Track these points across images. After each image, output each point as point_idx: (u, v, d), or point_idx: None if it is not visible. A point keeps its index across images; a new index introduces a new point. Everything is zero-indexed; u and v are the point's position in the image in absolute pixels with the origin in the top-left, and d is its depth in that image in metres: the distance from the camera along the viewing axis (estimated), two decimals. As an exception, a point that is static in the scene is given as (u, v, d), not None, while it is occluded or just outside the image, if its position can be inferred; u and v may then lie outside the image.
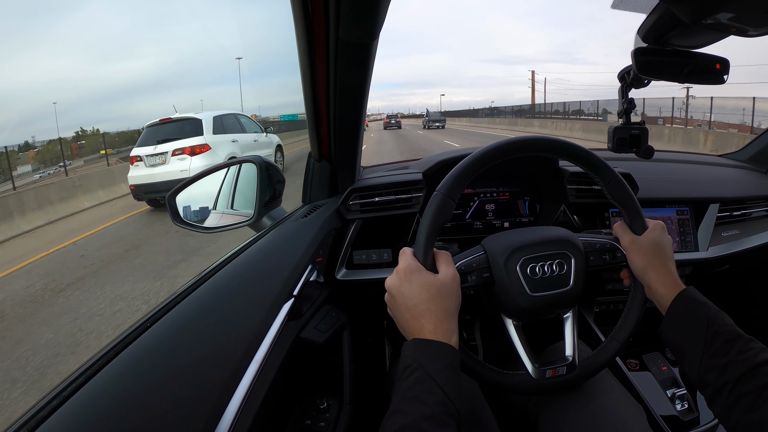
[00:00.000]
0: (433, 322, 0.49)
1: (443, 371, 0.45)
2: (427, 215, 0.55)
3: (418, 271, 0.52)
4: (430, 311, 0.49)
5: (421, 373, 0.45)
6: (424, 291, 0.50)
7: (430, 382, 0.44)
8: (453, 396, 0.44)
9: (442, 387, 0.44)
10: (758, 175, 1.27)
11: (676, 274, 0.58)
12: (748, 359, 0.47)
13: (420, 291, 0.50)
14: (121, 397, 0.43)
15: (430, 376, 0.45)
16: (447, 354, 0.47)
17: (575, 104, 23.94)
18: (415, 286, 0.51)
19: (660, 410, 0.86)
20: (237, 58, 37.60)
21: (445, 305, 0.50)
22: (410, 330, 0.50)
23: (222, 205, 0.99)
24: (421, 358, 0.46)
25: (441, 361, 0.46)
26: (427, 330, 0.49)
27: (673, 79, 0.65)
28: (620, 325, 0.62)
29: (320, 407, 0.75)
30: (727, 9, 0.47)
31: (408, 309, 0.51)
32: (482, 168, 0.57)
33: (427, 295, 0.50)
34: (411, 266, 0.52)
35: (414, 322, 0.50)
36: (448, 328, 0.49)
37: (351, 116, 0.82)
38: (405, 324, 0.51)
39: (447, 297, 0.51)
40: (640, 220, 0.61)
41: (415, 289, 0.51)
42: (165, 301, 0.58)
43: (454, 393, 0.45)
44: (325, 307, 0.80)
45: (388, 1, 0.55)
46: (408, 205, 0.94)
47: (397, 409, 0.43)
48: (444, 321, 0.49)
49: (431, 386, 0.44)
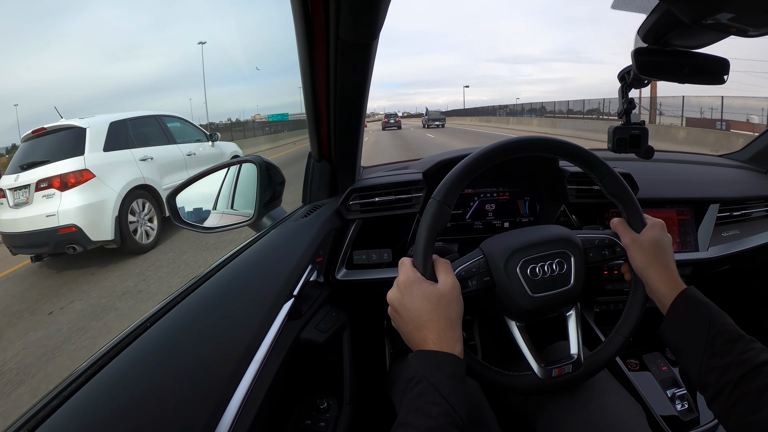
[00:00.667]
0: (437, 333, 0.49)
1: (447, 381, 0.46)
2: (423, 224, 0.55)
3: (418, 283, 0.52)
4: (433, 322, 0.50)
5: (424, 385, 0.45)
6: (425, 302, 0.51)
7: (434, 393, 0.44)
8: (457, 406, 0.44)
9: (445, 397, 0.44)
10: (758, 175, 1.27)
11: (677, 273, 0.58)
12: (749, 360, 0.47)
13: (421, 303, 0.51)
14: (121, 397, 0.43)
15: (434, 386, 0.45)
16: (450, 363, 0.47)
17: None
18: (416, 298, 0.51)
19: (660, 410, 0.86)
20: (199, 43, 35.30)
21: (447, 315, 0.50)
22: (414, 342, 0.51)
23: (222, 205, 0.99)
24: (424, 369, 0.46)
25: (444, 371, 0.46)
26: (430, 341, 0.49)
27: (673, 79, 0.65)
28: (623, 320, 0.62)
29: (320, 407, 0.75)
30: (727, 9, 0.47)
31: (411, 321, 0.51)
32: (479, 170, 0.57)
33: (428, 306, 0.50)
34: (411, 278, 0.52)
35: (417, 334, 0.50)
36: (452, 337, 0.49)
37: (351, 116, 0.82)
38: (409, 336, 0.52)
39: (448, 306, 0.51)
40: (638, 215, 0.61)
41: (416, 301, 0.51)
42: (165, 301, 0.58)
43: (459, 402, 0.45)
44: (325, 307, 0.80)
45: (388, 1, 0.55)
46: (408, 205, 0.94)
47: (402, 422, 0.44)
48: (447, 331, 0.50)
49: (435, 397, 0.44)
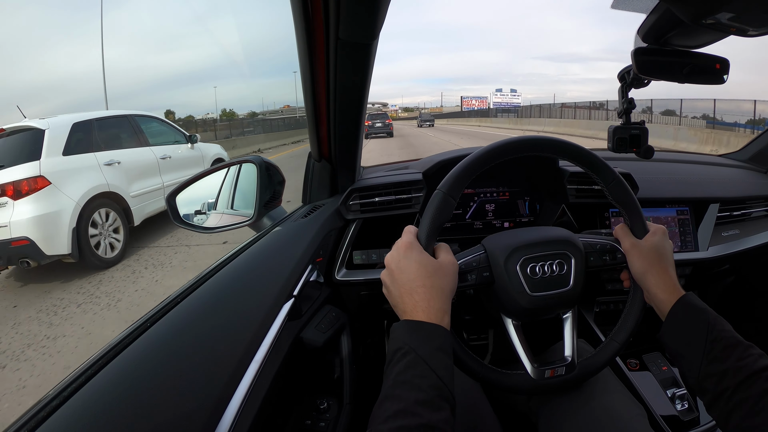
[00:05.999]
0: (426, 300, 0.49)
1: (435, 353, 0.45)
2: (427, 213, 0.55)
3: (419, 250, 0.52)
4: (426, 288, 0.49)
5: (413, 357, 0.44)
6: (421, 268, 0.50)
7: (423, 365, 0.44)
8: (446, 379, 0.44)
9: (435, 370, 0.43)
10: (758, 175, 1.27)
11: (676, 280, 0.58)
12: (747, 366, 0.47)
13: (417, 267, 0.51)
14: (121, 398, 0.43)
15: (423, 359, 0.44)
16: (439, 335, 0.47)
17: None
18: (412, 261, 0.51)
19: (660, 410, 0.86)
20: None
21: (439, 284, 0.50)
22: (403, 306, 0.50)
23: (222, 205, 0.99)
24: (412, 340, 0.46)
25: (433, 344, 0.46)
26: (420, 308, 0.48)
27: (673, 79, 0.65)
28: (619, 326, 0.62)
29: (320, 407, 0.74)
30: (727, 9, 0.47)
31: (403, 284, 0.51)
32: (483, 167, 0.57)
33: (423, 272, 0.50)
34: (412, 243, 0.53)
35: (408, 298, 0.50)
36: (440, 307, 0.49)
37: (351, 116, 0.82)
38: (399, 300, 0.51)
39: (443, 277, 0.51)
40: (641, 222, 0.61)
41: (412, 264, 0.51)
42: (165, 301, 0.58)
43: (447, 376, 0.44)
44: (326, 307, 0.80)
45: (388, 1, 0.55)
46: (408, 205, 0.94)
47: (389, 395, 0.43)
48: (437, 299, 0.49)
49: (424, 370, 0.43)
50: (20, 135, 3.66)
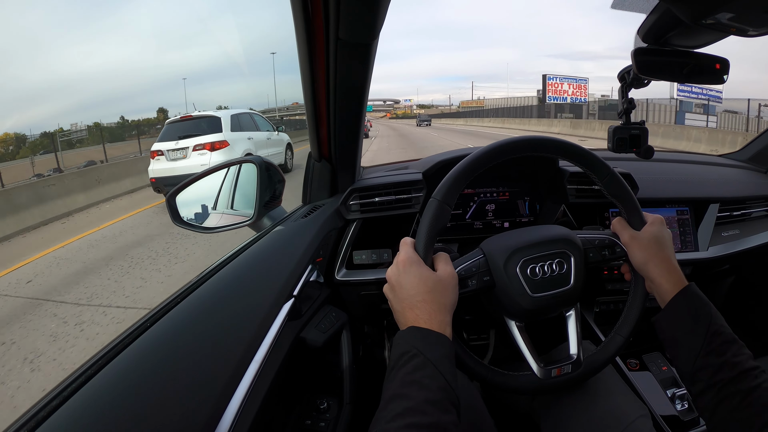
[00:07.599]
0: (428, 313, 0.49)
1: (442, 360, 0.45)
2: (424, 223, 0.55)
3: (418, 264, 0.52)
4: (426, 302, 0.50)
5: (421, 359, 0.44)
6: (421, 283, 0.51)
7: (431, 367, 0.44)
8: (453, 384, 0.44)
9: (443, 374, 0.44)
10: (758, 175, 1.27)
11: (679, 268, 0.58)
12: (740, 363, 0.49)
13: (417, 282, 0.51)
14: (121, 397, 0.43)
15: (431, 362, 0.44)
16: (445, 344, 0.47)
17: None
18: (412, 277, 0.51)
19: (660, 410, 0.86)
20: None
21: (440, 299, 0.51)
22: (405, 320, 0.51)
23: (222, 205, 0.99)
24: (419, 344, 0.46)
25: (440, 350, 0.46)
26: (422, 320, 0.49)
27: (673, 79, 0.65)
28: (623, 320, 0.62)
29: (320, 407, 0.74)
30: (727, 9, 0.47)
31: (404, 299, 0.51)
32: (479, 170, 0.57)
33: (423, 288, 0.51)
34: (411, 258, 0.53)
35: (410, 312, 0.50)
36: (442, 320, 0.49)
37: (351, 116, 0.82)
38: (401, 314, 0.52)
39: (443, 292, 0.51)
40: (639, 215, 0.61)
41: (412, 280, 0.51)
42: (165, 301, 0.58)
43: (454, 381, 0.45)
44: (326, 307, 0.80)
45: (387, 1, 0.55)
46: (408, 205, 0.94)
47: (397, 394, 0.42)
48: (438, 313, 0.49)
49: (433, 372, 0.44)
50: (204, 119, 6.61)
